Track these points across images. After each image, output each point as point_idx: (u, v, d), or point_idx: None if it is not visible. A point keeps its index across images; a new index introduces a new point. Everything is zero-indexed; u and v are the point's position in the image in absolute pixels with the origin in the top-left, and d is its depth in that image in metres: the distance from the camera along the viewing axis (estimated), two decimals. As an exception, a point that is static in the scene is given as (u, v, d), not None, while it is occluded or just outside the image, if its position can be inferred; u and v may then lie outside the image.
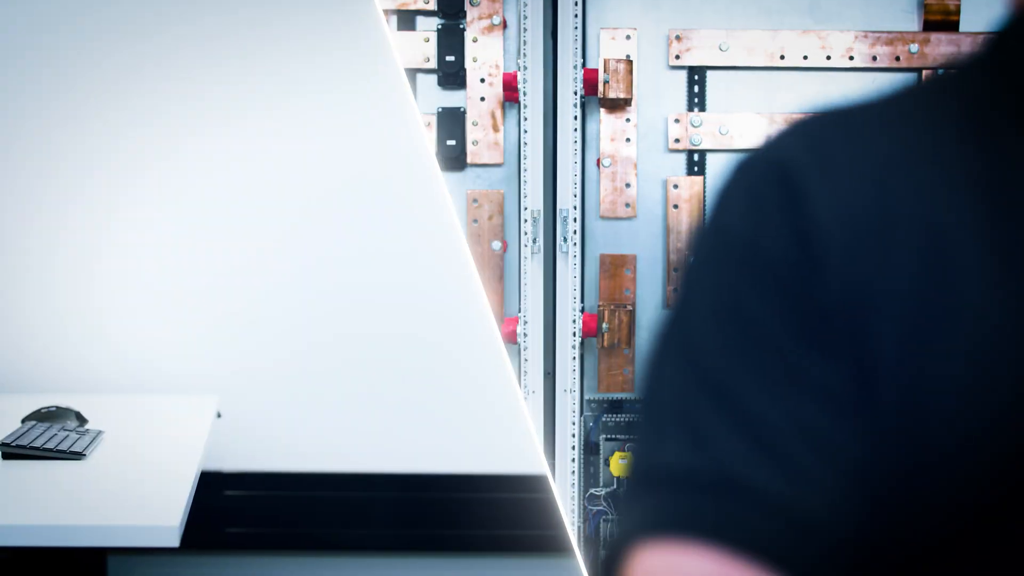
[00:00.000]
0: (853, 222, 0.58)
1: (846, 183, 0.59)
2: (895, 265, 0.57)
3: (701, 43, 3.25)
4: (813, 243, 0.58)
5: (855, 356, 0.57)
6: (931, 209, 0.58)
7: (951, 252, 0.57)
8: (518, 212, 3.22)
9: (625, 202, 3.24)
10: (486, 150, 3.24)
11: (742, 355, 0.57)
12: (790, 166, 0.60)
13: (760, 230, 0.59)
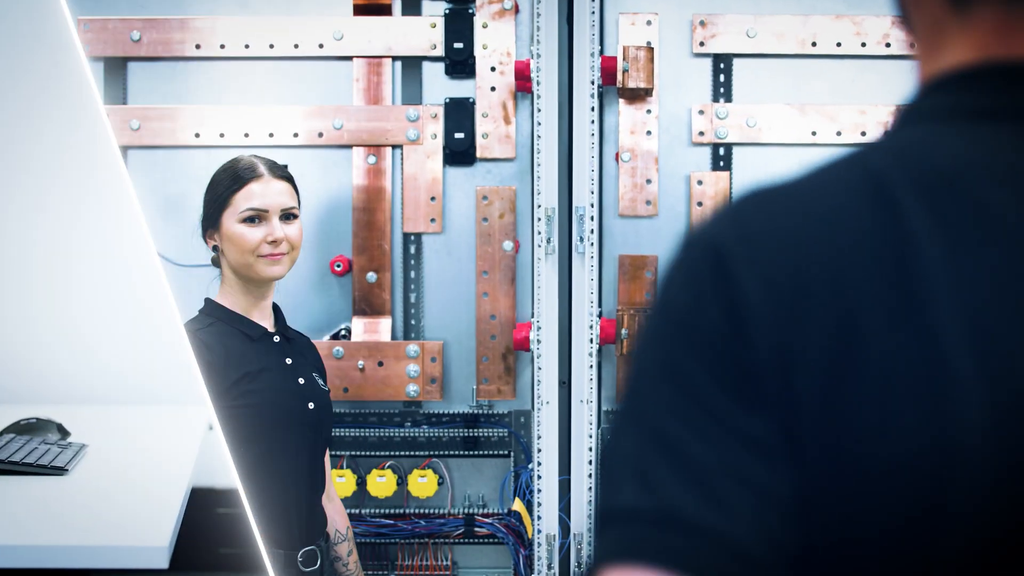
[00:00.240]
0: (774, 290, 0.70)
1: (766, 257, 0.71)
2: (811, 326, 0.69)
3: (727, 29, 3.09)
4: (740, 311, 0.70)
5: (782, 408, 0.69)
6: (838, 274, 0.70)
7: (857, 311, 0.68)
8: (531, 210, 3.06)
9: (646, 199, 3.07)
10: (497, 144, 3.08)
11: (681, 412, 0.70)
12: (720, 245, 0.73)
13: (697, 303, 0.72)
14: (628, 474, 0.71)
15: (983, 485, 0.67)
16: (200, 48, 3.09)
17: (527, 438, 3.11)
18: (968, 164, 0.75)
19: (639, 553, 0.67)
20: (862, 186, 0.75)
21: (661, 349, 0.74)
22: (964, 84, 0.79)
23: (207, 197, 2.55)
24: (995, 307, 0.70)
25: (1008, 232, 0.72)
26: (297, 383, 2.54)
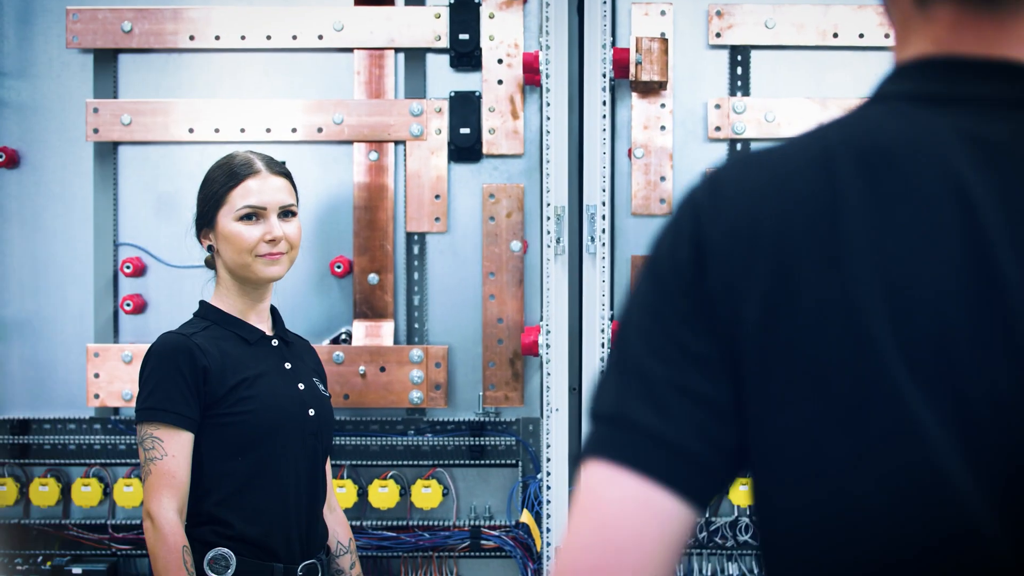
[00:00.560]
0: (731, 236, 0.90)
1: (729, 207, 0.91)
2: (757, 268, 0.89)
3: (744, 19, 3.00)
4: (703, 252, 0.91)
5: (728, 331, 0.90)
6: (783, 227, 0.89)
7: (793, 259, 0.89)
8: (540, 209, 2.96)
9: (659, 197, 2.98)
10: (504, 139, 2.99)
11: (646, 336, 0.92)
12: (697, 199, 0.94)
13: (672, 246, 0.93)
14: (607, 385, 0.95)
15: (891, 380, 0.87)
16: (194, 39, 2.99)
17: (536, 447, 3.01)
18: (904, 142, 0.92)
19: (601, 450, 0.91)
20: (816, 155, 0.93)
21: (642, 286, 0.96)
22: (917, 73, 0.97)
23: (201, 195, 2.45)
24: (901, 255, 0.89)
25: (922, 195, 0.90)
26: (296, 388, 2.44)
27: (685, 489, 0.90)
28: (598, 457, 0.91)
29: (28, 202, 3.02)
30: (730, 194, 0.93)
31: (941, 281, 0.88)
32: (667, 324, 0.92)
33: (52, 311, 3.01)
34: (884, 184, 0.91)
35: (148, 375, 2.31)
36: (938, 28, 0.96)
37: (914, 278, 0.89)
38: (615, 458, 0.90)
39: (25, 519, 3.03)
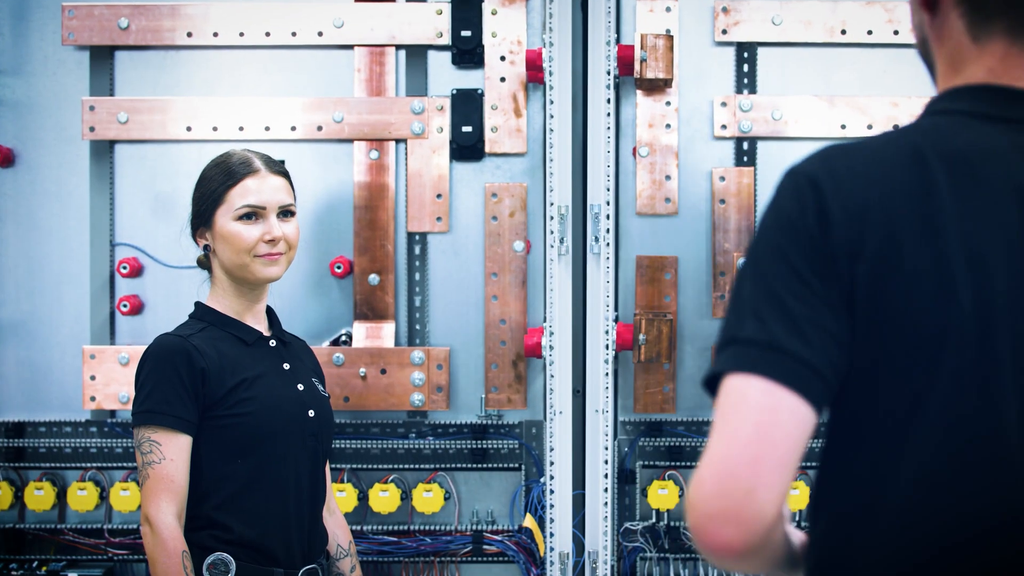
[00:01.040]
0: (848, 209, 1.21)
1: (845, 187, 1.23)
2: (868, 235, 1.20)
3: (751, 16, 2.96)
4: (828, 219, 1.21)
5: (847, 282, 1.20)
6: (888, 204, 1.21)
7: (897, 229, 1.20)
8: (543, 208, 2.93)
9: (665, 197, 2.93)
10: (507, 137, 2.95)
11: (784, 279, 1.21)
12: (816, 176, 1.24)
13: (800, 210, 1.22)
14: (749, 315, 1.21)
15: (969, 325, 1.20)
16: (192, 36, 2.95)
17: (539, 450, 2.97)
18: (973, 147, 1.25)
19: (754, 366, 1.18)
20: (906, 151, 1.25)
21: (775, 237, 1.24)
22: (974, 95, 1.31)
23: (198, 193, 2.40)
24: (980, 233, 1.22)
25: (992, 190, 1.23)
26: (296, 389, 2.40)
27: (818, 401, 1.20)
28: (753, 373, 1.19)
29: (23, 201, 2.98)
30: (846, 176, 1.24)
31: (1007, 256, 1.22)
32: (800, 272, 1.22)
33: (47, 312, 2.97)
34: (964, 180, 1.24)
35: (145, 378, 2.26)
36: (991, 59, 1.31)
37: (988, 252, 1.22)
38: (772, 375, 1.18)
39: (20, 523, 2.98)
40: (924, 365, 1.21)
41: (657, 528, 2.94)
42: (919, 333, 1.21)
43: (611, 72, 2.82)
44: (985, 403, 1.20)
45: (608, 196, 2.81)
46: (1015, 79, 1.30)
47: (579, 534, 2.88)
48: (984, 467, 1.20)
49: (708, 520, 1.16)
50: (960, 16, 1.32)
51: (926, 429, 1.21)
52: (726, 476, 1.16)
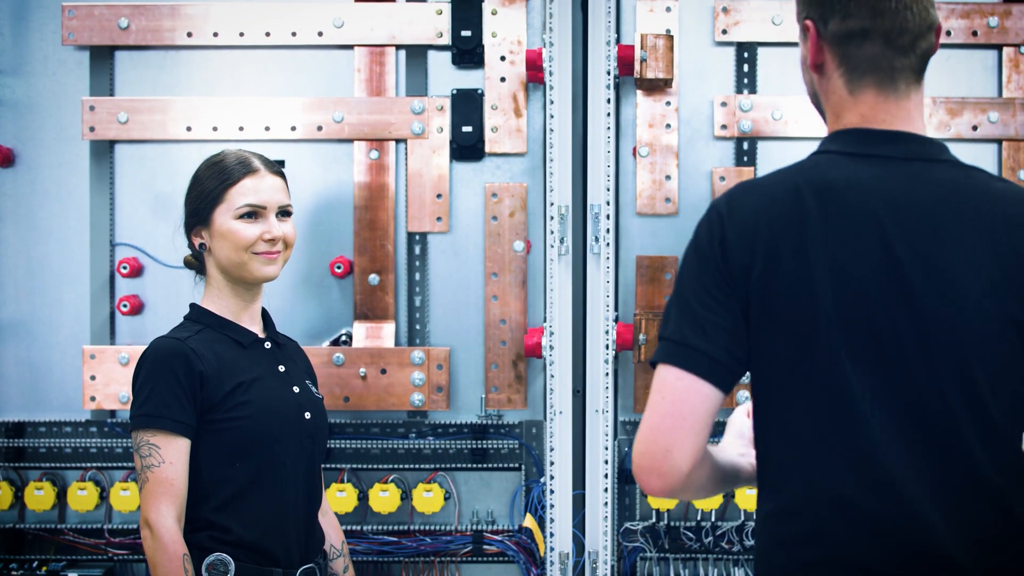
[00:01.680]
0: (742, 236, 1.60)
1: (739, 217, 1.61)
2: (756, 255, 1.58)
3: (751, 16, 2.96)
4: (726, 245, 1.60)
5: (742, 292, 1.59)
6: (771, 229, 1.59)
7: (777, 248, 1.58)
8: (544, 208, 2.93)
9: (665, 197, 2.93)
10: (507, 137, 2.95)
11: (696, 293, 1.60)
12: (720, 208, 1.64)
13: (707, 238, 1.63)
14: (670, 319, 1.62)
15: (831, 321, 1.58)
16: (192, 36, 2.94)
17: (539, 450, 2.97)
18: (839, 180, 1.62)
19: (670, 358, 1.60)
20: (788, 187, 1.63)
21: (692, 260, 1.64)
22: (847, 137, 1.68)
23: (196, 191, 2.40)
24: (841, 248, 1.59)
25: (853, 213, 1.60)
26: (292, 392, 2.40)
27: (719, 382, 1.60)
28: (669, 364, 1.60)
29: (23, 201, 2.98)
30: (740, 210, 1.63)
31: (863, 265, 1.59)
32: (707, 286, 1.61)
33: (47, 312, 2.97)
34: (831, 207, 1.61)
35: (143, 381, 2.26)
36: (864, 107, 1.69)
37: (847, 263, 1.59)
38: (681, 365, 1.59)
39: (20, 523, 2.98)
40: (804, 352, 1.60)
41: (657, 528, 2.94)
42: (796, 328, 1.60)
43: (611, 72, 2.82)
44: (839, 378, 1.59)
45: (608, 196, 2.81)
46: (880, 122, 1.68)
47: (579, 534, 2.88)
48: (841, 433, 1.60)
49: (639, 471, 1.61)
50: (840, 76, 1.70)
51: (803, 400, 1.61)
52: (651, 440, 1.60)
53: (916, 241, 1.59)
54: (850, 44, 1.68)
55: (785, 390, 1.61)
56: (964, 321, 1.59)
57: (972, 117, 2.90)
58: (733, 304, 1.60)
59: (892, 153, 1.66)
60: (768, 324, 1.60)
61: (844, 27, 1.68)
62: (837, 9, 1.68)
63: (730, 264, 1.60)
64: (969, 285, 1.59)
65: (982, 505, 1.60)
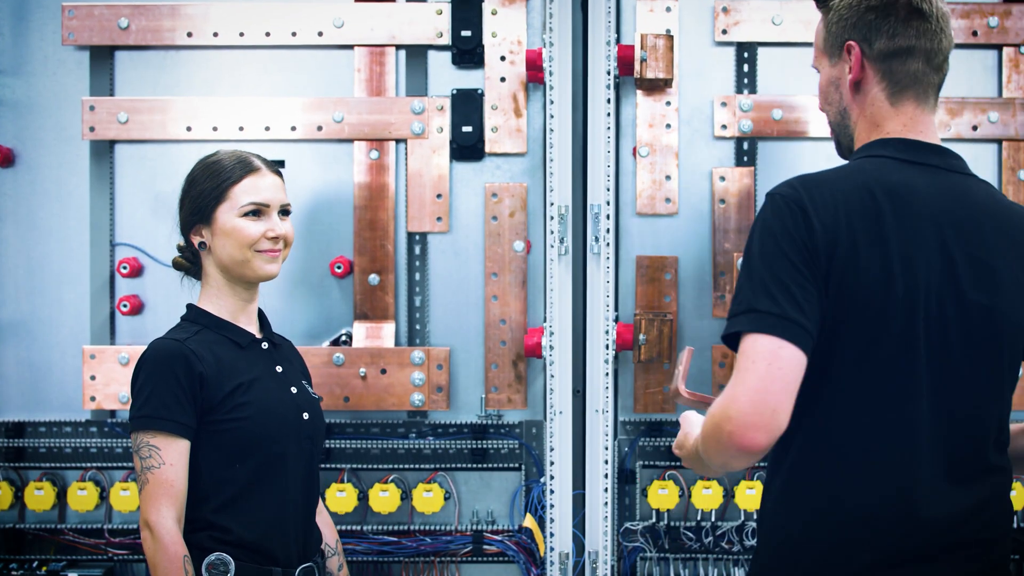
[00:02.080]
0: (825, 225, 1.78)
1: (821, 211, 1.79)
2: (838, 240, 1.77)
3: (751, 16, 2.96)
4: (813, 231, 1.77)
5: (825, 271, 1.77)
6: (849, 221, 1.79)
7: (856, 236, 1.78)
8: (543, 208, 2.92)
9: (665, 197, 2.92)
10: (507, 137, 2.95)
11: (785, 268, 1.76)
12: (802, 202, 1.80)
13: (793, 222, 1.78)
14: (763, 293, 1.75)
15: (900, 309, 1.78)
16: (192, 36, 2.94)
17: (539, 450, 2.97)
18: (902, 184, 1.84)
19: (772, 329, 1.72)
20: (859, 184, 1.83)
21: (778, 241, 1.78)
22: (896, 145, 1.91)
23: (197, 190, 2.39)
24: (910, 245, 1.80)
25: (918, 216, 1.82)
26: (290, 392, 2.41)
27: (807, 350, 1.74)
28: (770, 334, 1.72)
29: (23, 201, 2.98)
30: (820, 202, 1.79)
31: (926, 260, 1.81)
32: (796, 265, 1.76)
33: (47, 312, 2.97)
34: (899, 207, 1.82)
35: (143, 382, 2.26)
36: (904, 118, 1.93)
37: (915, 256, 1.80)
38: (782, 335, 1.72)
39: (20, 523, 2.98)
40: (870, 330, 1.79)
41: (657, 528, 2.93)
42: (867, 308, 1.78)
43: (611, 72, 2.82)
44: (909, 362, 1.80)
45: (608, 196, 2.81)
46: (920, 133, 1.92)
47: (579, 534, 2.88)
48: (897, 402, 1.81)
49: (746, 428, 1.69)
50: (882, 90, 1.93)
51: (868, 376, 1.80)
52: (759, 400, 1.69)
53: (966, 244, 1.83)
54: (894, 60, 1.91)
55: (848, 364, 1.80)
56: (1001, 315, 1.84)
57: (972, 117, 2.90)
58: (818, 283, 1.77)
59: (938, 163, 1.89)
60: (841, 303, 1.77)
61: (892, 45, 1.90)
62: (885, 30, 1.90)
63: (817, 247, 1.76)
64: (1007, 285, 1.85)
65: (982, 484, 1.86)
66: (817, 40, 2.04)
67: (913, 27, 1.90)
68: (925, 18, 1.91)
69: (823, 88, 2.02)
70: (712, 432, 1.73)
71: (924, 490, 1.80)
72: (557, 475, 2.82)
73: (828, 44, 1.99)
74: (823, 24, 2.01)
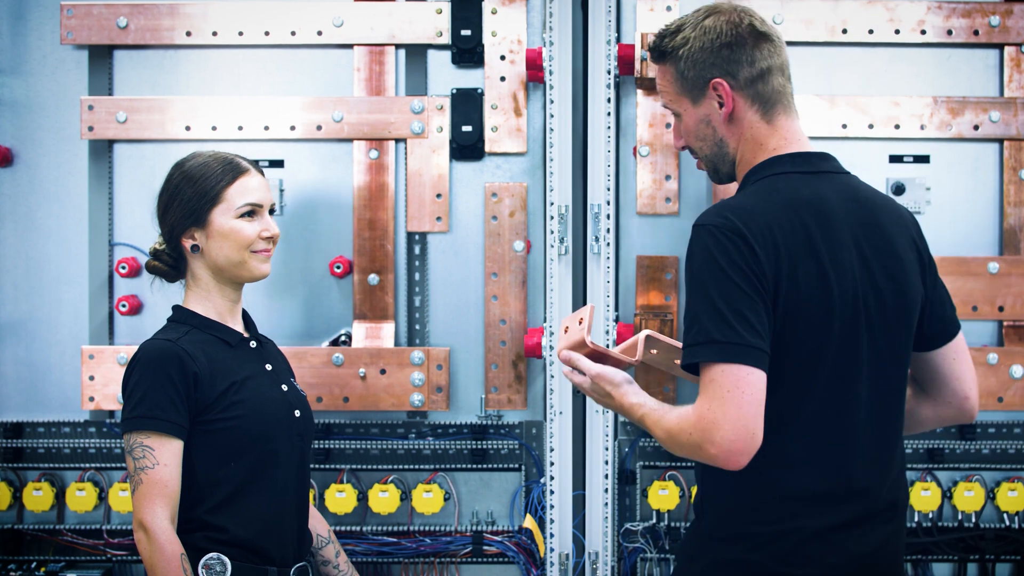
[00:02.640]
0: (766, 249, 1.95)
1: (760, 236, 1.95)
2: (779, 262, 1.95)
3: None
4: (756, 257, 1.94)
5: (771, 291, 1.94)
6: (784, 241, 1.97)
7: (793, 254, 1.96)
8: (544, 208, 2.91)
9: (666, 197, 2.91)
10: (507, 137, 2.94)
11: (735, 295, 1.92)
12: (741, 231, 1.95)
13: (737, 251, 1.94)
14: (721, 322, 1.90)
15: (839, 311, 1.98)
16: (191, 35, 2.93)
17: (539, 451, 2.96)
18: (814, 195, 2.03)
19: (735, 358, 1.88)
20: (781, 205, 2.00)
21: (719, 272, 1.92)
22: (792, 160, 2.10)
23: (189, 192, 2.37)
24: (836, 251, 1.99)
25: (836, 223, 2.02)
26: (281, 390, 2.41)
27: (766, 369, 1.90)
28: (733, 362, 1.87)
29: (22, 201, 2.97)
30: (755, 229, 1.94)
31: (849, 262, 2.00)
32: (747, 292, 1.91)
33: (46, 312, 2.96)
34: (820, 218, 2.00)
35: (136, 383, 2.25)
36: (783, 132, 2.12)
37: (841, 261, 1.99)
38: (750, 363, 1.88)
39: (19, 524, 2.97)
40: (816, 336, 1.97)
41: (658, 529, 2.92)
42: (812, 317, 1.96)
43: (611, 71, 2.81)
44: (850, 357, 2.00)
45: (608, 196, 2.80)
46: (800, 144, 2.12)
47: (579, 535, 2.87)
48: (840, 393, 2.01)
49: (730, 453, 1.87)
50: (755, 112, 2.11)
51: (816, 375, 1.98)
52: (741, 427, 1.87)
53: (872, 239, 2.04)
54: (759, 83, 2.10)
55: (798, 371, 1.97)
56: (909, 295, 2.07)
57: (973, 116, 2.89)
58: (767, 304, 1.93)
59: (828, 168, 2.11)
60: (788, 317, 1.94)
61: (753, 71, 2.10)
62: (744, 60, 2.09)
63: (763, 271, 1.92)
64: (907, 266, 2.07)
65: (897, 453, 2.12)
66: (669, 88, 2.17)
67: (764, 49, 2.10)
68: (769, 39, 2.11)
69: (691, 128, 2.16)
70: (689, 444, 1.92)
71: (861, 465, 2.03)
72: (557, 476, 2.81)
73: (687, 88, 2.13)
74: (673, 73, 2.15)
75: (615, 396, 2.14)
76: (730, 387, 1.87)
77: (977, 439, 2.93)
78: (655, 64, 2.20)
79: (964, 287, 2.88)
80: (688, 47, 2.12)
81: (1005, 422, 2.93)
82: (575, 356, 2.20)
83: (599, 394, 2.18)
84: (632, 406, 2.11)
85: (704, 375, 1.90)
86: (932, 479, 2.92)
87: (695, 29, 2.13)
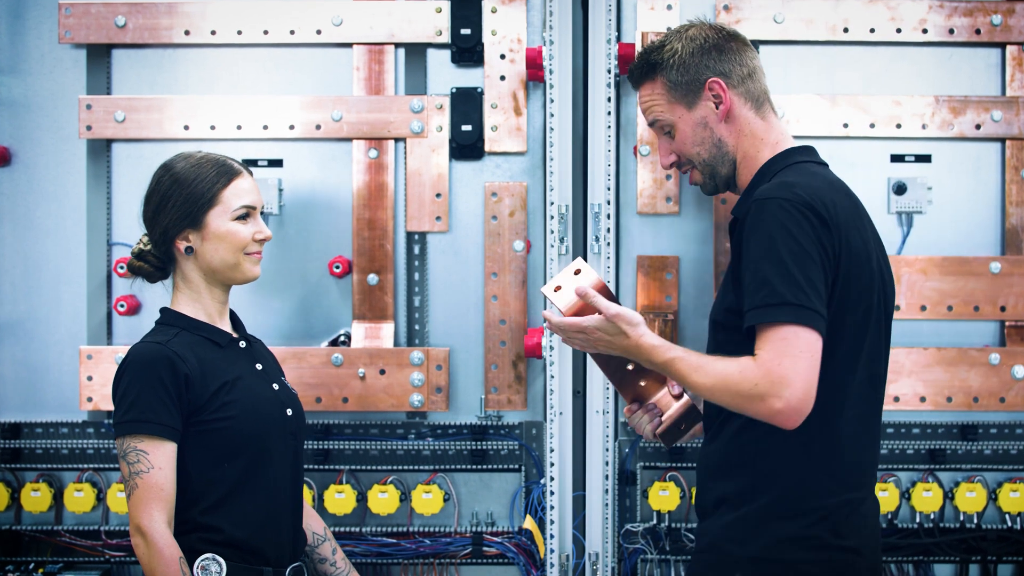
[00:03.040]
0: (837, 223, 2.07)
1: (831, 210, 2.07)
2: (842, 239, 2.07)
3: (753, 14, 2.94)
4: (829, 230, 2.05)
5: (834, 266, 2.06)
6: (846, 218, 2.10)
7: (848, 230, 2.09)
8: (544, 208, 2.91)
9: (666, 196, 2.90)
10: (507, 136, 2.93)
11: (812, 268, 2.02)
12: (814, 205, 2.06)
13: (811, 226, 2.04)
14: (796, 288, 1.99)
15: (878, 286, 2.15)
16: (189, 34, 2.92)
17: (539, 451, 2.95)
18: (838, 182, 2.21)
19: (809, 321, 1.98)
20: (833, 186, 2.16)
21: (794, 243, 2.01)
22: (803, 151, 2.26)
23: (182, 194, 2.32)
24: (870, 231, 2.20)
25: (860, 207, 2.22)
26: (272, 389, 2.40)
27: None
28: (807, 326, 1.97)
29: (20, 200, 2.96)
30: (823, 202, 2.05)
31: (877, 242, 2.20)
32: (816, 262, 2.00)
33: (44, 312, 2.95)
34: (854, 199, 2.19)
35: (127, 387, 2.23)
36: (777, 127, 2.28)
37: (872, 237, 2.17)
38: (815, 327, 1.98)
39: (16, 525, 2.96)
40: (863, 310, 2.10)
41: (658, 530, 2.91)
42: (861, 283, 2.09)
43: (612, 70, 2.80)
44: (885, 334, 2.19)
45: (609, 195, 2.79)
46: (790, 141, 2.28)
47: (580, 536, 2.86)
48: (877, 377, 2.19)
49: (792, 412, 1.95)
50: (749, 110, 2.24)
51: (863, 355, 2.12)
52: (809, 389, 1.96)
53: (870, 225, 2.21)
54: (749, 82, 2.25)
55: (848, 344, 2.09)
56: (890, 280, 2.22)
57: (975, 116, 2.88)
58: (829, 278, 2.04)
59: (823, 161, 2.28)
60: (843, 290, 2.05)
61: (744, 70, 2.25)
62: (734, 60, 2.24)
63: (831, 243, 2.04)
64: (882, 255, 2.22)
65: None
66: (660, 100, 2.27)
67: (748, 52, 2.27)
68: (748, 44, 2.29)
69: (688, 135, 2.26)
70: (750, 394, 1.97)
71: (873, 440, 2.20)
72: (557, 476, 2.80)
73: (681, 94, 2.24)
74: (663, 83, 2.25)
75: (631, 336, 2.14)
76: (803, 348, 1.95)
77: (979, 439, 2.92)
78: (640, 83, 2.30)
79: (966, 287, 2.87)
80: (678, 55, 2.24)
81: (1007, 423, 2.92)
82: (591, 293, 2.17)
83: (609, 334, 2.15)
84: (654, 348, 2.13)
85: (773, 333, 1.97)
86: (934, 480, 2.92)
87: (681, 40, 2.26)
